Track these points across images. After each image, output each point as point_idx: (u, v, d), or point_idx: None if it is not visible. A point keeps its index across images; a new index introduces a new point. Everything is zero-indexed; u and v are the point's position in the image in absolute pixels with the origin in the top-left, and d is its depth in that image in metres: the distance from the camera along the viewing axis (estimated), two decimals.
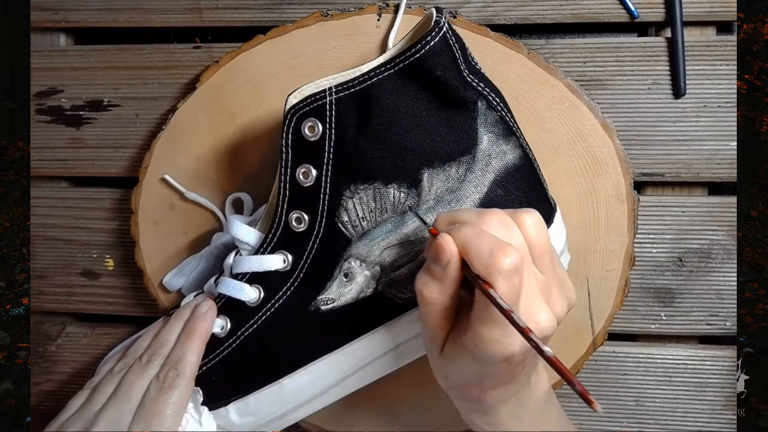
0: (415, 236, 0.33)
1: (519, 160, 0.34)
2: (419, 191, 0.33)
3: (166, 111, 0.47)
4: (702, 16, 0.44)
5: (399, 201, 0.33)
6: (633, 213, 0.43)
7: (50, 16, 0.48)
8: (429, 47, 0.30)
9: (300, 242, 0.35)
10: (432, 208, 0.33)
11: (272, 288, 0.35)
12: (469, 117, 0.33)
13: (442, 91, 0.32)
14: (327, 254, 0.34)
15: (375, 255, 0.34)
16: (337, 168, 0.33)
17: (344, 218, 0.34)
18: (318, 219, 0.34)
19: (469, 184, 0.33)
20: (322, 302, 0.35)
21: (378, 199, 0.33)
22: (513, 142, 0.34)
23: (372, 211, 0.33)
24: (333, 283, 0.35)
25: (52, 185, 0.50)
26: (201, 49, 0.47)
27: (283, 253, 0.35)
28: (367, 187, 0.33)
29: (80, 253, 0.49)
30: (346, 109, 0.32)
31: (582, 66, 0.44)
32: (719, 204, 0.45)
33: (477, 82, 0.33)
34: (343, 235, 0.34)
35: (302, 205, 0.34)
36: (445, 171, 0.33)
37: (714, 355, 0.45)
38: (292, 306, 0.35)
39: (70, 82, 0.48)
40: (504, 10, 0.45)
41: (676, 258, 0.45)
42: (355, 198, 0.33)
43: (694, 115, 0.44)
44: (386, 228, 0.33)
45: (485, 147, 0.33)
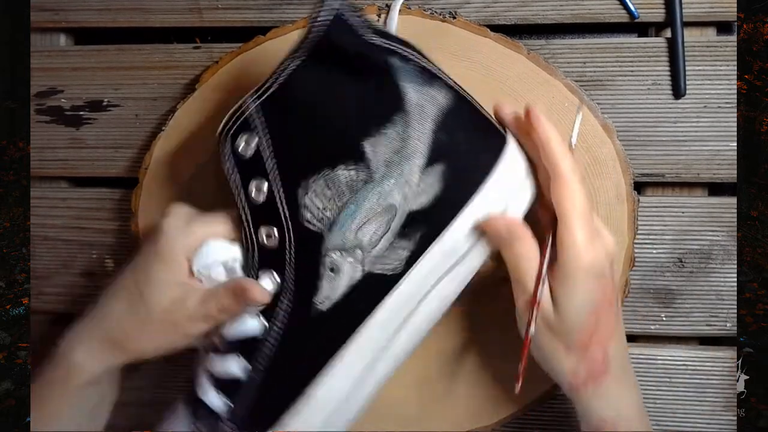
0: (380, 206, 0.33)
1: (452, 100, 0.34)
2: (367, 163, 0.33)
3: (166, 111, 0.47)
4: (702, 16, 0.44)
5: (351, 179, 0.33)
6: (633, 213, 0.43)
7: (50, 16, 0.48)
8: (320, 25, 0.31)
9: (278, 256, 0.34)
10: (385, 175, 0.33)
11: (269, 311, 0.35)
12: (387, 76, 0.33)
13: (353, 62, 0.32)
14: (307, 258, 0.34)
15: (350, 239, 0.34)
16: (283, 171, 0.33)
17: (308, 216, 0.33)
18: (285, 227, 0.34)
19: (411, 139, 0.33)
20: (320, 302, 0.35)
21: (331, 185, 0.33)
22: (439, 84, 0.34)
23: (330, 199, 0.33)
24: (323, 282, 0.34)
25: (52, 185, 0.50)
26: (201, 49, 0.47)
27: (269, 273, 0.35)
28: (317, 177, 0.33)
29: (80, 254, 0.49)
30: (270, 113, 0.33)
31: (582, 66, 0.44)
32: (719, 204, 0.45)
33: (383, 42, 0.33)
34: (314, 233, 0.34)
35: (266, 220, 0.34)
36: (383, 135, 0.33)
37: (714, 355, 0.45)
38: (295, 319, 0.35)
39: (70, 82, 0.48)
40: (504, 11, 0.45)
41: (676, 259, 0.45)
42: (310, 193, 0.33)
43: (694, 115, 0.44)
44: (350, 210, 0.33)
45: (413, 98, 0.33)
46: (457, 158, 0.34)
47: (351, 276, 0.34)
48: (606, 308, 0.33)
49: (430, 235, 0.34)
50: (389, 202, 0.33)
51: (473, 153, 0.35)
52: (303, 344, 0.35)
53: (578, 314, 0.33)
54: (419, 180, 0.33)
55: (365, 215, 0.34)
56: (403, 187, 0.33)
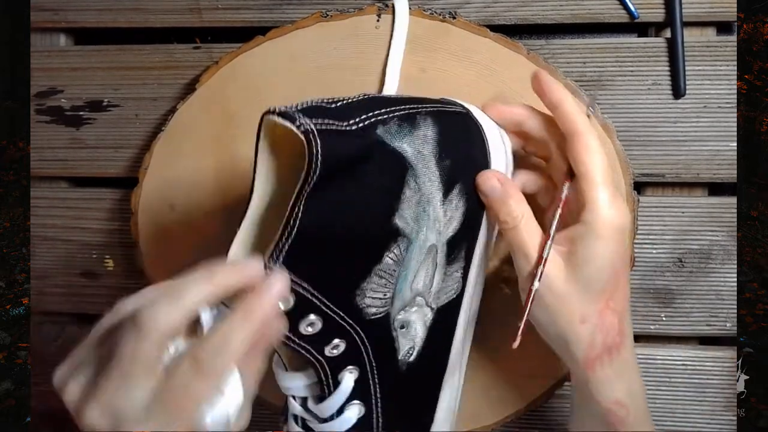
0: (422, 255, 0.34)
1: (435, 125, 0.33)
2: (403, 233, 0.32)
3: (166, 111, 0.47)
4: (702, 16, 0.44)
5: (398, 257, 0.33)
6: (633, 213, 0.43)
7: (50, 16, 0.48)
8: (320, 156, 0.28)
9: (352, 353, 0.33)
10: (418, 230, 0.33)
11: (364, 394, 0.34)
12: (382, 148, 0.31)
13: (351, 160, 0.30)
14: (379, 336, 0.34)
15: (408, 295, 0.34)
16: (332, 298, 0.31)
17: (372, 311, 0.33)
18: (353, 333, 0.32)
19: (425, 186, 0.33)
20: (407, 356, 0.35)
21: (383, 273, 0.32)
22: (421, 121, 0.33)
23: (386, 284, 0.33)
24: (399, 341, 0.35)
25: (52, 185, 0.50)
26: (201, 49, 0.47)
27: (347, 370, 0.33)
28: (369, 277, 0.32)
29: (80, 254, 0.49)
30: (296, 265, 0.30)
31: (582, 66, 0.44)
32: (719, 204, 0.45)
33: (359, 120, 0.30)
34: (381, 317, 0.33)
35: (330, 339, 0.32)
36: (404, 201, 0.32)
37: (714, 355, 0.45)
38: (389, 384, 0.35)
39: (70, 83, 0.48)
40: (504, 11, 0.45)
41: (676, 259, 0.45)
42: (368, 293, 0.32)
43: (694, 115, 0.44)
44: (403, 276, 0.33)
45: (410, 151, 0.32)
46: (464, 170, 0.34)
47: (423, 321, 0.35)
48: (624, 272, 0.33)
49: (471, 245, 0.36)
50: (428, 246, 0.33)
51: (470, 154, 0.35)
52: (407, 396, 0.36)
53: (600, 274, 0.32)
54: (445, 211, 0.34)
55: (414, 271, 0.34)
56: (434, 225, 0.33)
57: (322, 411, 0.34)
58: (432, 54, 0.43)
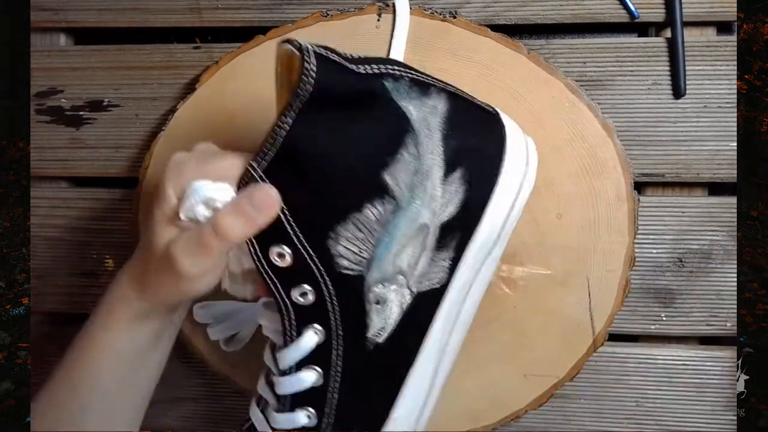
0: (412, 229, 0.33)
1: (449, 102, 0.34)
2: (391, 193, 0.32)
3: (166, 111, 0.47)
4: (702, 16, 0.44)
5: (380, 214, 0.32)
6: (633, 213, 0.43)
7: (50, 16, 0.48)
8: (314, 74, 0.29)
9: (319, 310, 0.33)
10: (411, 198, 0.32)
11: (324, 360, 0.34)
12: (386, 100, 0.32)
13: (350, 98, 0.31)
14: (350, 301, 0.33)
15: (390, 269, 0.33)
16: (305, 231, 0.32)
17: (345, 264, 0.32)
18: (322, 283, 0.33)
19: (425, 156, 0.32)
20: (376, 336, 0.34)
21: (362, 227, 0.32)
22: (434, 91, 0.33)
23: (364, 240, 0.32)
24: (372, 316, 0.34)
25: (52, 185, 0.50)
26: (201, 49, 0.47)
27: (311, 327, 0.34)
28: (345, 224, 0.32)
29: (80, 253, 0.49)
30: (278, 178, 0.31)
31: (582, 66, 0.44)
32: (719, 204, 0.45)
33: (369, 68, 0.31)
34: (354, 277, 0.33)
35: (297, 281, 0.33)
36: (399, 161, 0.32)
37: (714, 355, 0.45)
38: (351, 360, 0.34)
39: (70, 82, 0.48)
40: (504, 11, 0.45)
41: (677, 258, 0.45)
42: (341, 240, 0.32)
43: (695, 115, 0.44)
44: (385, 242, 0.33)
45: (416, 115, 0.32)
46: (471, 157, 0.34)
47: (400, 302, 0.34)
48: None
49: (465, 238, 0.34)
50: (420, 223, 0.33)
51: (482, 145, 0.35)
52: (367, 379, 0.35)
53: None
54: (443, 191, 0.33)
55: (400, 243, 0.33)
56: (430, 203, 0.33)
57: (281, 360, 0.34)
58: (432, 53, 0.43)
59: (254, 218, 0.31)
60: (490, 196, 0.35)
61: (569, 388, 0.45)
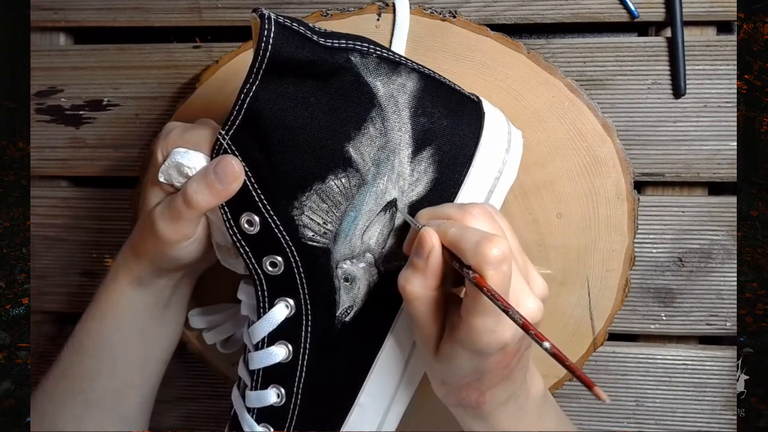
0: (379, 206, 0.33)
1: (421, 82, 0.34)
2: (355, 166, 0.32)
3: (166, 111, 0.47)
4: (702, 16, 0.44)
5: (344, 187, 0.33)
6: (633, 213, 0.43)
7: (50, 16, 0.48)
8: (272, 40, 0.30)
9: (288, 281, 0.34)
10: (377, 174, 0.33)
11: (294, 336, 0.35)
12: (352, 75, 0.32)
13: (313, 69, 0.31)
14: (318, 275, 0.34)
15: (358, 245, 0.34)
16: (271, 198, 0.32)
17: (309, 234, 0.33)
18: (288, 252, 0.33)
19: (392, 132, 0.33)
20: (344, 315, 0.34)
21: (325, 198, 0.33)
22: (404, 70, 0.33)
23: (328, 212, 0.33)
24: (341, 294, 0.34)
25: (52, 185, 0.50)
26: (201, 49, 0.47)
27: (282, 300, 0.34)
28: (309, 194, 0.32)
29: (80, 253, 0.49)
30: (243, 144, 0.32)
31: (582, 66, 0.44)
32: (719, 204, 0.45)
33: (337, 42, 0.32)
34: (319, 249, 0.33)
35: (266, 250, 0.33)
36: (364, 135, 0.32)
37: (714, 355, 0.45)
38: (319, 337, 0.35)
39: (70, 82, 0.48)
40: (504, 10, 0.45)
41: (677, 258, 0.45)
42: (306, 211, 0.32)
43: (694, 115, 0.44)
44: (350, 217, 0.33)
45: (383, 91, 0.33)
46: (443, 137, 0.34)
47: (368, 281, 0.34)
48: (494, 372, 0.30)
49: None
50: (387, 200, 0.33)
51: (457, 127, 0.35)
52: (335, 359, 0.35)
53: (455, 374, 0.31)
54: (411, 170, 0.33)
55: (367, 218, 0.33)
56: (398, 181, 0.33)
57: (254, 333, 0.35)
58: (432, 53, 0.43)
59: (218, 188, 0.32)
60: (463, 179, 0.34)
61: (569, 388, 0.45)
